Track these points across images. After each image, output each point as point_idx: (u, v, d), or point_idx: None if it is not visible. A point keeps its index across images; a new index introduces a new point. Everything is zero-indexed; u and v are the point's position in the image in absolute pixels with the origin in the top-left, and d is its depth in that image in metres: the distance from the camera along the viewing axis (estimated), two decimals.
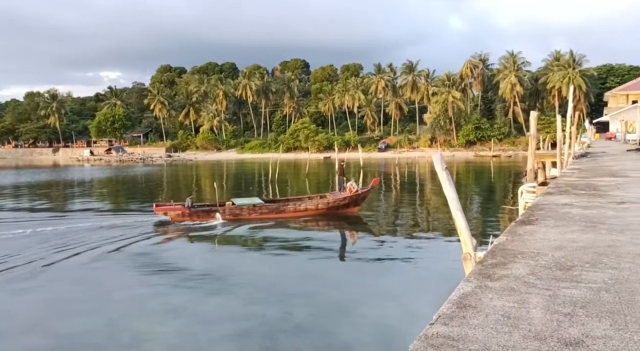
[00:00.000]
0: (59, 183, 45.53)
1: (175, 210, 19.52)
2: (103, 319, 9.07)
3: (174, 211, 19.49)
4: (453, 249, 13.37)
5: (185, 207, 19.54)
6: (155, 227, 18.43)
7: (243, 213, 19.73)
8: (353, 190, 20.86)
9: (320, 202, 20.68)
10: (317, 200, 21.10)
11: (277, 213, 19.88)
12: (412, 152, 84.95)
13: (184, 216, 19.33)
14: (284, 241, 16.47)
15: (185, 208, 19.47)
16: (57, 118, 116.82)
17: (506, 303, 2.74)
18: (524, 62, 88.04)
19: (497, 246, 4.15)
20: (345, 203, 20.73)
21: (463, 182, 37.47)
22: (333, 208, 20.51)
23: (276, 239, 16.62)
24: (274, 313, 9.19)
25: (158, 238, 16.63)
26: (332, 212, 20.39)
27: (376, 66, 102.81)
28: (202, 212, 19.68)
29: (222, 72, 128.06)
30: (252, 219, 19.39)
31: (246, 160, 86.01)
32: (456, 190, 4.62)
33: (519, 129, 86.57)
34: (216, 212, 19.49)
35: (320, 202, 20.75)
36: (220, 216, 19.35)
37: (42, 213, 23.29)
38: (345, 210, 20.74)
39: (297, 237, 17.31)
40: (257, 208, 19.97)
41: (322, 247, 15.88)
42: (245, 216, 19.63)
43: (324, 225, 19.08)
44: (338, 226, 19.13)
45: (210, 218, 19.36)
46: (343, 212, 20.63)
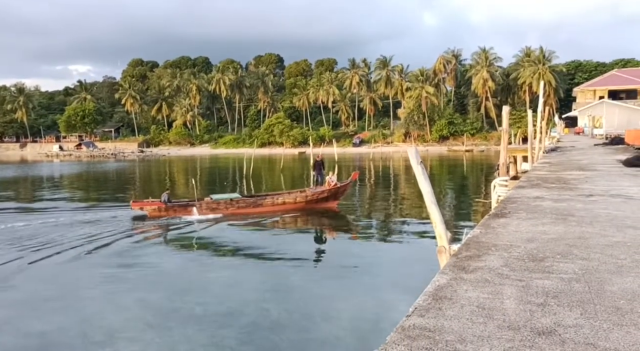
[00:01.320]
0: (27, 179, 44.36)
1: (152, 205, 19.43)
2: (75, 317, 8.89)
3: (150, 206, 19.41)
4: (427, 242, 13.54)
5: (162, 202, 19.37)
6: (130, 223, 18.13)
7: (220, 207, 19.61)
8: (332, 184, 20.85)
9: (298, 196, 20.63)
10: (296, 194, 21.04)
11: (254, 208, 19.80)
12: (386, 147, 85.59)
13: (160, 211, 19.25)
14: (259, 238, 16.41)
15: (162, 204, 19.34)
16: (24, 113, 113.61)
17: (481, 295, 2.78)
18: (495, 58, 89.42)
19: (472, 239, 4.21)
20: (325, 197, 20.70)
21: (437, 176, 37.94)
22: (312, 202, 20.48)
23: (252, 236, 16.54)
24: (250, 309, 9.16)
25: (132, 235, 16.36)
26: (311, 207, 20.35)
27: (350, 61, 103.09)
28: (179, 207, 19.56)
29: (195, 66, 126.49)
30: (229, 214, 19.25)
31: (220, 155, 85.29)
32: (430, 184, 4.66)
33: (491, 124, 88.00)
34: (193, 207, 19.34)
35: (299, 195, 20.70)
36: (197, 211, 19.20)
37: (10, 210, 22.66)
38: (324, 204, 20.70)
39: (273, 233, 17.28)
40: (234, 202, 19.86)
41: (298, 244, 15.88)
42: (222, 210, 19.49)
43: (302, 221, 19.07)
44: (315, 222, 19.14)
45: (186, 213, 19.21)
46: (322, 206, 20.59)
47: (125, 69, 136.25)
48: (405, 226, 17.67)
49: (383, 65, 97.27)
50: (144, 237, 16.06)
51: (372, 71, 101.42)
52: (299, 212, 19.89)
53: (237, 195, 20.82)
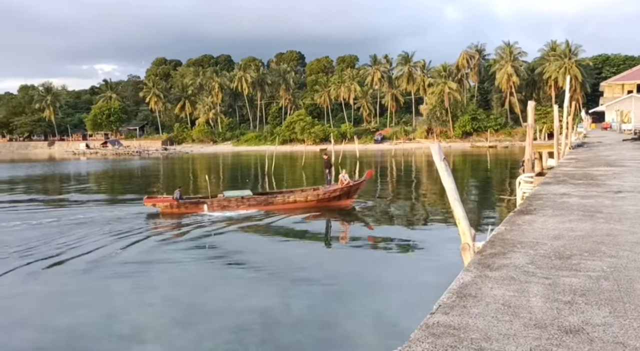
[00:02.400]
0: (55, 176, 45.39)
1: (164, 202, 19.72)
2: (102, 311, 9.08)
3: (162, 203, 19.70)
4: (451, 239, 13.42)
5: (174, 199, 19.65)
6: (153, 220, 18.41)
7: (231, 205, 19.73)
8: (345, 182, 20.77)
9: (309, 195, 20.56)
10: (307, 192, 20.98)
11: (265, 205, 19.81)
12: (408, 143, 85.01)
13: (172, 208, 19.52)
14: (280, 235, 16.48)
15: (174, 200, 19.62)
16: (52, 112, 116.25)
17: (506, 292, 2.75)
18: (520, 52, 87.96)
19: (496, 236, 4.16)
20: (337, 195, 20.57)
21: (460, 172, 37.54)
22: (323, 200, 20.40)
23: (273, 233, 16.61)
24: (272, 305, 9.22)
25: (156, 232, 16.60)
26: (324, 205, 20.21)
27: (372, 57, 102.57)
28: (190, 203, 19.80)
29: (218, 65, 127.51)
30: (240, 211, 19.35)
31: (242, 152, 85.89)
32: (454, 181, 4.62)
33: (516, 120, 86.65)
34: (204, 204, 19.56)
35: (310, 194, 20.63)
36: (208, 208, 19.39)
37: (40, 206, 23.22)
38: (337, 202, 20.56)
39: (293, 230, 17.33)
40: (245, 200, 19.93)
41: (318, 241, 15.93)
42: (233, 208, 19.61)
43: (322, 218, 19.07)
44: (334, 218, 19.13)
45: (198, 210, 19.43)
46: (336, 204, 20.45)
47: (149, 68, 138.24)
48: (428, 223, 17.54)
49: (405, 61, 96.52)
50: (167, 234, 16.28)
51: (394, 67, 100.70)
52: (311, 210, 19.73)
53: (249, 193, 20.87)
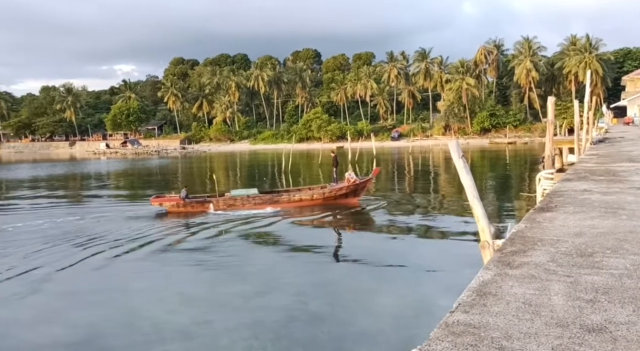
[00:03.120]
0: (76, 176, 46.14)
1: (171, 201, 19.93)
2: (122, 308, 9.21)
3: (169, 202, 19.92)
4: (469, 237, 13.32)
5: (180, 198, 19.83)
6: (171, 218, 18.60)
7: (237, 203, 19.81)
8: (351, 181, 20.69)
9: (315, 193, 20.55)
10: (313, 190, 20.97)
11: (271, 204, 19.83)
12: (425, 140, 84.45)
13: (178, 207, 19.70)
14: (297, 233, 16.52)
15: (180, 199, 19.79)
16: (72, 112, 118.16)
17: (527, 291, 2.71)
18: (539, 47, 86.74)
19: (516, 233, 4.11)
20: (343, 193, 20.51)
21: (478, 169, 37.20)
22: (330, 198, 20.36)
23: (290, 231, 16.65)
24: (289, 302, 9.25)
25: (174, 230, 16.77)
26: (330, 203, 20.15)
27: (388, 54, 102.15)
28: (196, 202, 19.96)
29: (234, 64, 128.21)
30: (246, 209, 19.42)
31: (259, 151, 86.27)
32: (472, 178, 4.58)
33: (535, 115, 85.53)
34: (209, 203, 19.70)
35: (316, 192, 20.61)
36: (213, 207, 19.53)
37: (63, 204, 23.64)
38: (344, 200, 20.47)
39: (309, 228, 17.36)
40: (250, 198, 20.00)
41: (336, 238, 15.93)
42: (239, 206, 19.69)
43: (337, 216, 19.06)
44: (352, 216, 19.09)
45: (204, 209, 19.59)
46: (342, 202, 20.34)
47: (167, 68, 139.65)
48: (446, 220, 17.41)
49: (422, 58, 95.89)
50: (182, 233, 16.43)
51: (411, 64, 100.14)
52: (318, 208, 19.66)
53: (255, 191, 20.94)
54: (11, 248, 14.02)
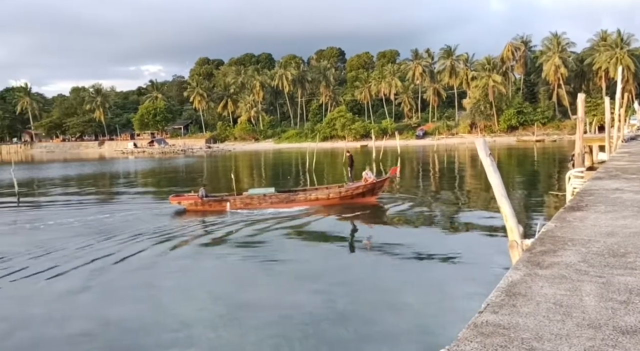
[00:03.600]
0: (105, 175, 47.14)
1: (189, 199, 20.22)
2: (151, 305, 9.38)
3: (187, 200, 20.23)
4: (497, 236, 13.14)
5: (198, 196, 20.08)
6: (199, 217, 18.84)
7: (253, 202, 19.98)
8: (369, 180, 20.60)
9: (331, 192, 20.53)
10: (330, 190, 20.96)
11: (287, 203, 19.93)
12: (451, 138, 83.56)
13: (196, 205, 19.99)
14: (323, 230, 16.55)
15: (198, 198, 20.05)
16: (101, 112, 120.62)
17: (558, 291, 2.67)
18: (568, 43, 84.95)
19: (546, 233, 4.04)
20: (360, 192, 20.44)
21: (506, 167, 36.62)
22: (346, 198, 20.32)
23: (316, 228, 16.69)
24: (315, 301, 9.28)
25: (201, 229, 16.99)
26: (346, 202, 20.12)
27: (413, 52, 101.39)
28: (214, 201, 20.22)
29: (259, 63, 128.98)
30: (263, 208, 19.57)
31: (283, 149, 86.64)
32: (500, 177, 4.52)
33: (564, 113, 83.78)
34: (227, 202, 19.92)
35: (332, 191, 20.59)
36: (230, 205, 19.74)
37: (93, 203, 24.19)
38: (361, 199, 20.37)
39: (335, 225, 17.36)
40: (267, 197, 20.13)
41: (361, 236, 15.91)
42: (256, 205, 19.84)
43: (363, 213, 19.02)
44: (378, 214, 19.03)
45: (221, 207, 19.82)
46: (359, 201, 20.24)
47: (193, 68, 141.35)
48: (473, 219, 17.20)
49: (447, 55, 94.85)
50: (211, 230, 16.63)
51: (436, 61, 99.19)
52: (334, 207, 19.61)
53: (272, 191, 21.08)
54: (43, 245, 14.41)
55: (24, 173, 44.33)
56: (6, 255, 13.26)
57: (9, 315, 9.16)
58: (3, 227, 18.03)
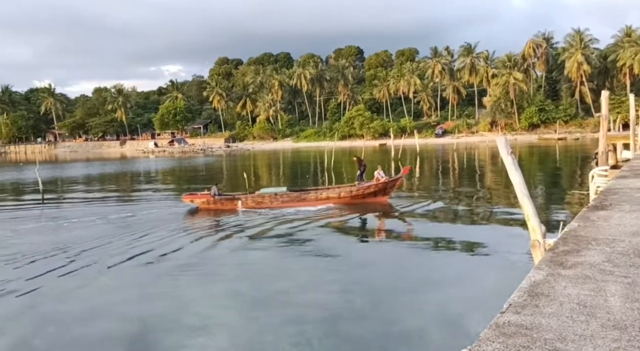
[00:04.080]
0: (127, 174, 47.82)
1: (201, 198, 20.42)
2: (171, 303, 9.49)
3: (199, 199, 20.43)
4: (517, 236, 12.98)
5: (211, 195, 20.23)
6: (216, 216, 19.00)
7: (264, 201, 20.08)
8: (381, 179, 20.49)
9: (342, 191, 20.45)
10: (341, 189, 20.89)
11: (298, 202, 19.97)
12: (471, 136, 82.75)
13: (209, 204, 20.18)
14: (339, 230, 16.54)
15: (210, 197, 20.20)
16: (123, 112, 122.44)
17: (581, 292, 2.63)
18: (591, 39, 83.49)
19: (569, 232, 3.98)
20: (371, 192, 20.31)
21: (527, 166, 36.12)
22: (357, 197, 20.21)
23: (332, 228, 16.69)
24: (334, 299, 9.28)
25: (221, 227, 17.13)
26: (358, 202, 20.03)
27: (432, 50, 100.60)
28: (226, 200, 20.39)
29: (277, 62, 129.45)
30: (274, 207, 19.65)
31: (302, 148, 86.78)
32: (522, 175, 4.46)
33: (587, 110, 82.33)
34: (238, 200, 20.06)
35: (343, 190, 20.51)
36: (242, 204, 19.85)
37: (114, 201, 24.57)
38: (372, 199, 20.25)
39: (353, 225, 17.34)
40: (278, 196, 20.19)
41: (379, 236, 15.85)
42: (267, 204, 19.94)
43: (381, 213, 18.95)
44: (395, 214, 18.95)
45: (232, 206, 19.98)
46: (370, 201, 20.14)
47: (212, 68, 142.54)
48: (493, 218, 17.02)
49: (467, 52, 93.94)
50: (231, 229, 16.74)
51: (456, 59, 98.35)
52: (345, 206, 19.59)
53: (283, 190, 21.14)
54: (67, 243, 14.69)
55: (48, 173, 45.21)
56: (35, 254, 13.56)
57: (36, 313, 9.35)
58: (29, 225, 18.41)
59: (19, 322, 8.81)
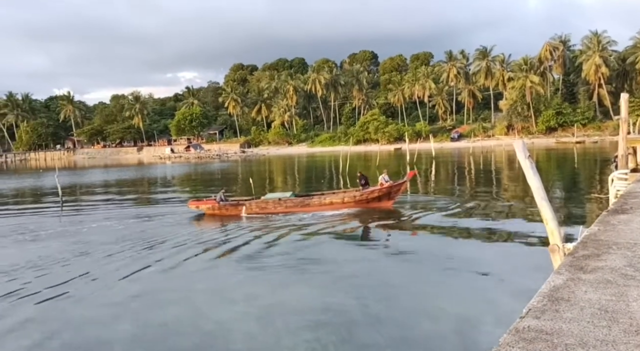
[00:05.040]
0: (144, 179, 48.32)
1: (207, 204, 20.62)
2: (189, 308, 9.55)
3: (205, 205, 20.65)
4: (535, 240, 12.82)
5: (216, 201, 20.39)
6: (232, 220, 19.09)
7: (268, 206, 20.17)
8: (385, 184, 20.37)
9: (346, 196, 20.39)
10: (344, 194, 20.85)
11: (302, 207, 20.01)
12: (487, 140, 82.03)
13: (214, 209, 20.34)
14: (355, 235, 16.51)
15: (215, 202, 20.36)
16: (140, 119, 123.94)
17: (602, 296, 2.59)
18: (609, 42, 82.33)
19: (589, 237, 3.92)
20: (375, 196, 20.20)
21: (545, 169, 35.67)
22: (361, 202, 20.12)
23: (349, 233, 16.66)
24: (350, 304, 9.25)
25: (236, 232, 17.20)
26: (362, 206, 19.97)
27: (447, 53, 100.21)
28: (230, 205, 20.48)
29: (292, 68, 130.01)
30: (278, 213, 19.68)
31: (316, 153, 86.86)
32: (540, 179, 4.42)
33: (605, 113, 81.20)
34: (242, 206, 20.16)
35: (347, 195, 20.44)
36: (246, 209, 19.96)
37: (130, 207, 24.84)
38: (377, 204, 20.16)
39: (368, 230, 17.28)
40: (282, 202, 20.24)
41: (395, 240, 15.77)
42: (270, 210, 20.01)
43: (395, 217, 18.87)
44: (411, 219, 18.84)
45: (237, 211, 20.07)
46: (375, 206, 20.05)
47: (227, 74, 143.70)
48: (510, 222, 16.83)
49: (483, 56, 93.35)
50: (247, 233, 16.80)
51: (471, 62, 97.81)
52: (350, 211, 19.56)
53: (286, 195, 21.21)
54: (86, 248, 14.88)
55: (67, 179, 45.86)
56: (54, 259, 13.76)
57: (53, 317, 9.48)
58: (49, 230, 18.70)
59: (40, 326, 8.94)
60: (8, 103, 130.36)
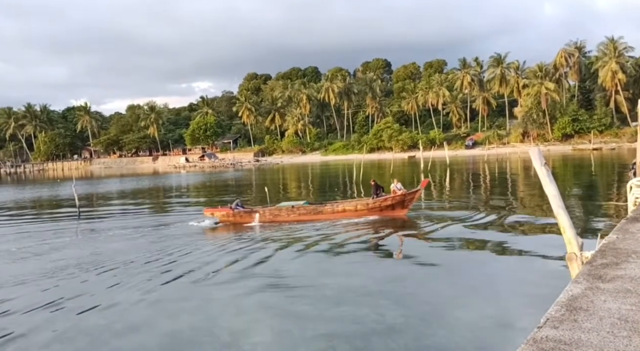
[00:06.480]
0: (159, 188, 48.75)
1: (221, 211, 20.86)
2: (203, 317, 9.57)
3: (219, 212, 20.88)
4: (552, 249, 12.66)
5: (231, 208, 20.61)
6: (247, 228, 19.15)
7: (281, 214, 20.25)
8: (398, 192, 20.27)
9: (359, 204, 20.34)
10: (357, 201, 20.81)
11: (314, 215, 20.04)
12: (502, 148, 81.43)
13: (228, 217, 20.55)
14: (370, 243, 16.44)
15: (230, 210, 20.57)
16: (155, 129, 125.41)
17: (622, 306, 2.55)
18: (626, 47, 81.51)
19: (607, 245, 3.87)
20: (389, 204, 20.09)
21: (561, 177, 35.27)
22: (374, 210, 20.03)
23: (363, 241, 16.60)
24: (365, 314, 9.19)
25: (251, 239, 17.24)
26: (375, 215, 19.89)
27: (461, 61, 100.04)
28: (244, 213, 20.64)
29: (305, 77, 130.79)
30: (291, 221, 19.74)
31: (330, 162, 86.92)
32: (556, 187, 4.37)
33: (622, 120, 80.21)
34: (256, 213, 20.30)
35: (360, 203, 20.39)
36: (259, 217, 20.08)
37: (146, 215, 25.06)
38: (390, 212, 20.05)
39: (384, 236, 17.21)
40: (294, 209, 20.31)
41: (411, 248, 15.68)
42: (284, 217, 20.08)
43: (409, 226, 18.77)
44: (425, 226, 18.72)
45: (250, 219, 20.20)
46: (388, 214, 19.95)
47: (241, 83, 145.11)
48: (527, 230, 16.64)
49: (497, 63, 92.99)
50: (263, 241, 16.83)
51: (485, 70, 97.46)
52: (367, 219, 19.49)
53: (299, 203, 21.37)
54: (103, 258, 15.03)
55: (84, 189, 46.47)
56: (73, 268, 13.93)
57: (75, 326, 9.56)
58: (67, 239, 18.93)
59: (58, 335, 9.01)
60: (27, 114, 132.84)
